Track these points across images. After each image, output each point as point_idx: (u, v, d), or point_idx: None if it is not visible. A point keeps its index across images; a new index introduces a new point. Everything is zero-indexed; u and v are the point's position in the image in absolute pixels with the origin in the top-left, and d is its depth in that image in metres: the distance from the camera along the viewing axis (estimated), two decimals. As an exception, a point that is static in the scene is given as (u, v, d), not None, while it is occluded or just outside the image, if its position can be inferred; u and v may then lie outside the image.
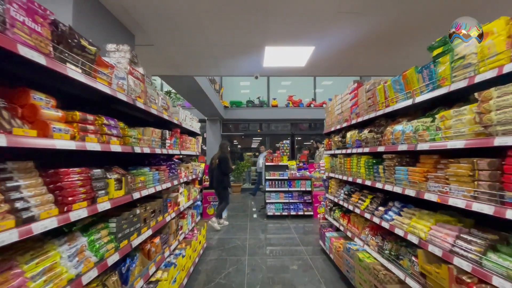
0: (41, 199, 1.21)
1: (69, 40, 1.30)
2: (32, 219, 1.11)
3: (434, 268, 1.81)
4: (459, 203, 1.59)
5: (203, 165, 5.75)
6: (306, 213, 6.61)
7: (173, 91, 9.12)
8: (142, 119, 2.69)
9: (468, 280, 1.55)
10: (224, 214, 6.10)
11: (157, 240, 2.60)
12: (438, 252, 1.76)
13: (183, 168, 3.54)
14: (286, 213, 6.66)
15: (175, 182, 3.12)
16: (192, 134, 4.21)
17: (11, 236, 0.99)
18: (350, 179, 3.34)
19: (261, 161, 8.95)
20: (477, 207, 1.47)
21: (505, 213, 1.31)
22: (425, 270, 1.91)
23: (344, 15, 2.83)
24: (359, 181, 3.07)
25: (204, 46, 3.69)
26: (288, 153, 7.23)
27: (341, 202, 3.67)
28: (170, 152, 2.90)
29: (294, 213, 6.64)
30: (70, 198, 1.35)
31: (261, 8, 2.76)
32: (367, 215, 2.83)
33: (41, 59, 1.13)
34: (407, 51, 3.83)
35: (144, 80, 2.26)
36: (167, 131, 2.86)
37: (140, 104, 2.10)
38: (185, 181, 3.65)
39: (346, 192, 3.63)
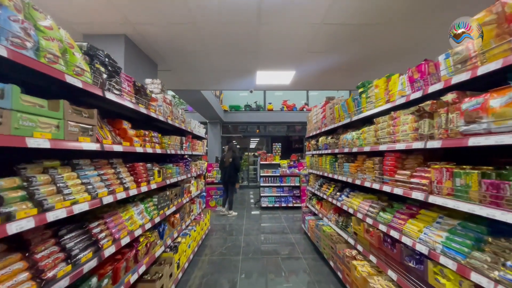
0: (129, 179, 2.25)
1: (141, 91, 2.34)
2: (128, 189, 2.16)
3: (358, 227, 2.87)
4: (368, 185, 2.65)
5: (206, 164, 6.80)
6: (295, 205, 7.67)
7: (177, 96, 10.15)
8: (167, 129, 3.73)
9: (371, 230, 2.60)
10: (226, 206, 7.17)
11: (177, 215, 3.65)
12: (360, 216, 2.81)
13: (193, 165, 4.58)
14: (278, 205, 7.72)
15: (188, 175, 4.16)
16: (199, 138, 5.25)
17: (123, 194, 2.04)
18: (321, 173, 4.40)
19: None
20: (375, 186, 2.52)
21: (383, 187, 2.36)
22: (355, 229, 2.96)
23: (312, 53, 3.89)
24: (326, 174, 4.12)
25: (210, 71, 4.74)
26: (280, 153, 8.26)
27: (316, 192, 4.72)
28: (186, 153, 3.95)
29: (284, 205, 7.70)
30: (139, 180, 2.40)
31: (253, 49, 3.82)
32: (330, 199, 3.87)
33: (131, 105, 2.17)
34: (363, 75, 4.90)
35: (171, 104, 3.31)
36: (183, 137, 3.90)
37: (170, 121, 3.15)
38: (194, 175, 4.69)
39: (319, 184, 4.68)
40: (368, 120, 3.06)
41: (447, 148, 1.66)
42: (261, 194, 7.88)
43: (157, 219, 2.76)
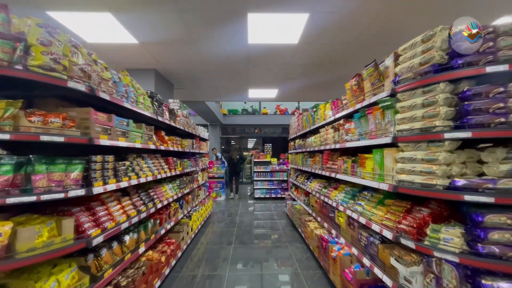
0: (166, 167, 3.68)
1: (172, 112, 3.78)
2: (166, 172, 3.59)
3: (313, 200, 4.31)
4: (318, 172, 4.08)
5: (208, 161, 8.25)
6: (282, 195, 9.10)
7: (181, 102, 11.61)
8: (183, 134, 5.16)
9: (318, 200, 4.04)
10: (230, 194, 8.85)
11: (190, 196, 5.08)
12: (315, 193, 4.25)
13: (200, 160, 6.01)
14: (268, 196, 9.16)
15: (197, 168, 5.59)
16: (203, 140, 6.68)
17: (163, 175, 3.47)
18: (297, 167, 5.84)
19: None
20: (319, 172, 3.96)
21: (323, 173, 3.80)
22: (311, 203, 4.40)
23: (289, 79, 5.33)
24: (299, 168, 5.56)
25: (212, 89, 6.18)
26: (271, 152, 9.70)
27: (294, 182, 6.16)
28: (195, 151, 5.38)
29: (274, 196, 9.14)
30: (170, 168, 3.83)
31: (245, 77, 5.28)
32: (302, 186, 5.31)
33: (168, 122, 3.60)
34: (332, 91, 6.36)
35: (187, 117, 4.74)
36: (193, 140, 5.33)
37: (186, 129, 4.58)
38: (201, 169, 6.12)
39: (296, 175, 6.12)
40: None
41: (355, 147, 3.09)
42: (255, 187, 9.32)
43: (179, 195, 4.19)
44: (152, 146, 3.09)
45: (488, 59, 1.51)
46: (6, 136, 1.46)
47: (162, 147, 3.43)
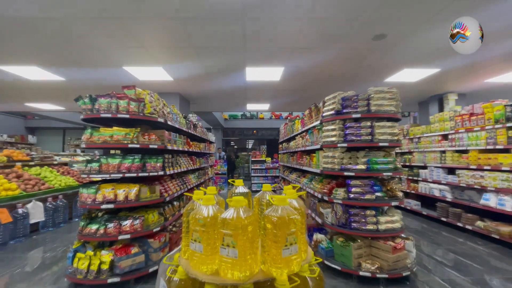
0: (191, 162, 5.48)
1: (195, 125, 5.58)
2: (191, 165, 5.40)
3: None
4: (295, 166, 5.89)
5: (214, 159, 10.05)
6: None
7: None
8: (198, 139, 6.96)
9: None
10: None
11: (203, 185, 6.88)
12: (293, 181, 6.05)
13: (209, 159, 7.82)
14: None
15: (207, 165, 7.39)
16: (212, 142, 8.48)
17: (190, 168, 5.28)
18: (284, 164, 7.64)
19: None
20: (296, 166, 5.77)
21: (298, 167, 5.61)
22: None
23: (277, 97, 7.16)
24: (286, 165, 7.36)
25: (218, 103, 8.01)
26: (266, 153, 11.49)
27: (282, 176, 7.97)
28: (206, 152, 7.18)
29: (268, 189, 10.94)
30: (193, 163, 5.63)
31: (244, 96, 7.08)
32: (286, 178, 7.11)
33: (193, 132, 5.41)
34: (307, 105, 8.22)
35: (202, 127, 6.55)
36: (205, 143, 7.13)
37: (202, 136, 6.39)
38: (210, 165, 7.93)
39: (283, 171, 7.93)
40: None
41: (311, 149, 4.88)
42: (252, 182, 11.12)
43: (198, 183, 5.99)
44: (186, 149, 4.89)
45: (354, 111, 3.32)
46: (137, 146, 3.25)
47: (190, 150, 5.24)
